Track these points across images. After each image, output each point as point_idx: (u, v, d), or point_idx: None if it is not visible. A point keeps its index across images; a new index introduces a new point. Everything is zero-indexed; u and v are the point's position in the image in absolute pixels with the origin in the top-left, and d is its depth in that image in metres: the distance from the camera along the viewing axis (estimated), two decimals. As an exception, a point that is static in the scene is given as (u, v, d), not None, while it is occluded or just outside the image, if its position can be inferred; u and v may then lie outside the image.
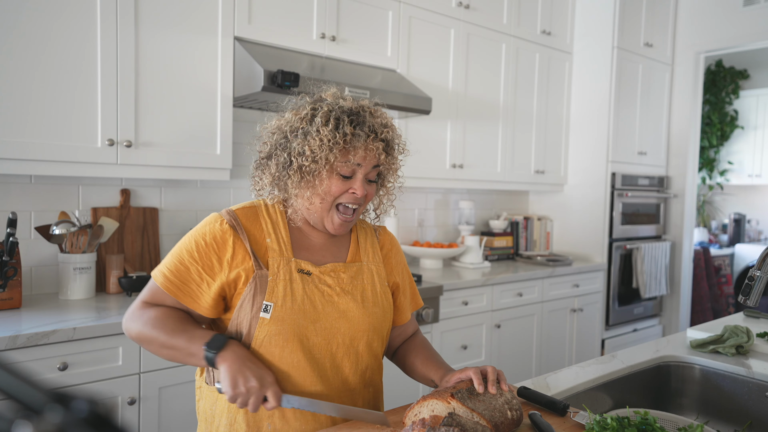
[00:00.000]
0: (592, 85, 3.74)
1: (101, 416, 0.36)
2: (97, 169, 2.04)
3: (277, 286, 1.11)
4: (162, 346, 1.09)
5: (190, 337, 1.08)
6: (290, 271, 1.13)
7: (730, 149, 5.88)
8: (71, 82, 1.97)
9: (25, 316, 1.85)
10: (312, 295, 1.13)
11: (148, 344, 1.11)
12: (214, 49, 2.28)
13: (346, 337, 1.15)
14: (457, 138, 3.19)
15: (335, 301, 1.15)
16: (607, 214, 3.71)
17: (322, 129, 1.10)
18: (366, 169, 1.14)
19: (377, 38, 2.80)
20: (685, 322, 4.17)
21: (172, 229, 2.53)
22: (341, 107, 1.13)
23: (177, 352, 1.08)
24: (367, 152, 1.12)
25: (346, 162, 1.12)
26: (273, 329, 1.10)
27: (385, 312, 1.22)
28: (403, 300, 1.32)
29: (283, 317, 1.10)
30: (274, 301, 1.10)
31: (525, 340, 3.23)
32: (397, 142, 1.19)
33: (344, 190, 1.14)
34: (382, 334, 1.22)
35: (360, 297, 1.18)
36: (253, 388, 1.00)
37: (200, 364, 1.08)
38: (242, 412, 1.12)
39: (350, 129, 1.10)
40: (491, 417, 1.01)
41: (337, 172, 1.12)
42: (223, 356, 1.03)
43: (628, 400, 1.49)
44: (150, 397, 1.88)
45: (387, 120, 1.18)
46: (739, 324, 1.77)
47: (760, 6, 3.68)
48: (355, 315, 1.16)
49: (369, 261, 1.24)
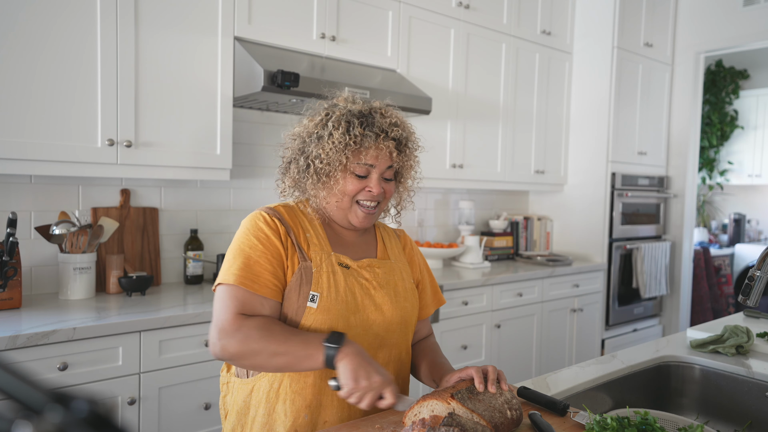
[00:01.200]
0: (592, 85, 3.74)
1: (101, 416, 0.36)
2: (97, 169, 2.04)
3: (321, 277, 1.16)
4: (273, 355, 1.06)
5: (304, 338, 1.08)
6: (332, 264, 1.19)
7: (730, 149, 5.88)
8: (71, 82, 1.97)
9: (25, 316, 1.85)
10: (353, 288, 1.19)
11: (253, 357, 1.07)
12: (214, 49, 2.28)
13: (380, 329, 1.20)
14: (457, 138, 3.19)
15: (372, 294, 1.21)
16: (607, 214, 3.71)
17: (334, 132, 1.16)
18: (380, 168, 1.19)
19: (377, 38, 2.80)
20: (685, 322, 4.17)
21: (172, 229, 2.53)
22: (351, 111, 1.19)
23: (291, 356, 1.06)
24: (379, 152, 1.18)
25: (359, 163, 1.17)
26: (319, 318, 1.13)
27: (413, 307, 1.28)
28: (425, 296, 1.37)
29: (329, 307, 1.14)
30: (320, 292, 1.14)
31: (525, 340, 3.23)
32: (410, 140, 1.25)
33: (360, 189, 1.20)
34: (411, 328, 1.28)
35: (393, 292, 1.24)
36: (376, 383, 1.02)
37: (314, 366, 1.06)
38: (281, 402, 1.14)
39: (360, 130, 1.16)
40: (491, 417, 1.01)
41: (352, 172, 1.18)
42: (344, 351, 1.04)
43: (628, 400, 1.49)
44: (150, 397, 1.88)
45: (398, 119, 1.22)
46: (739, 324, 1.77)
47: (760, 6, 3.68)
48: (389, 309, 1.22)
49: (396, 259, 1.32)
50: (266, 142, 2.77)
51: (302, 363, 1.07)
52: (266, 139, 2.77)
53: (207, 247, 2.59)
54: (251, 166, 2.73)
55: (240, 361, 1.09)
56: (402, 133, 1.21)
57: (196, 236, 2.53)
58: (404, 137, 1.22)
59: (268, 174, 2.80)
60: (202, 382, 1.99)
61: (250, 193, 2.75)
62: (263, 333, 1.07)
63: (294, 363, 1.08)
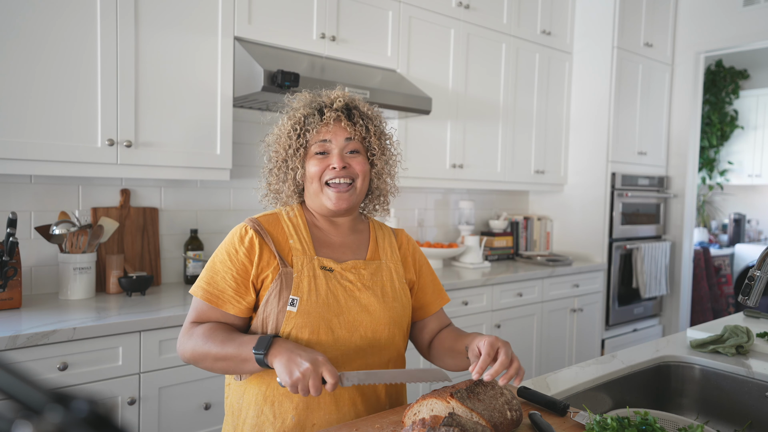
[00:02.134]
0: (592, 85, 3.74)
1: (101, 416, 0.36)
2: (97, 169, 2.04)
3: (302, 281, 1.17)
4: (216, 359, 1.11)
5: (239, 344, 1.10)
6: (313, 268, 1.19)
7: (730, 149, 5.88)
8: (71, 82, 1.97)
9: (25, 316, 1.85)
10: (335, 290, 1.19)
11: (202, 361, 1.13)
12: (214, 49, 2.28)
13: (368, 329, 1.20)
14: (457, 138, 3.19)
15: (357, 295, 1.21)
16: (607, 214, 3.71)
17: (285, 124, 1.24)
18: (338, 142, 1.20)
19: (377, 38, 2.80)
20: (685, 322, 4.17)
21: (172, 229, 2.53)
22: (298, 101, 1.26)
23: (230, 362, 1.10)
24: (327, 126, 1.20)
25: (315, 142, 1.21)
26: (300, 321, 1.14)
27: (404, 307, 1.27)
28: (423, 296, 1.35)
29: (309, 310, 1.15)
30: (299, 296, 1.16)
31: (525, 340, 3.23)
32: (362, 110, 1.25)
33: (324, 168, 1.21)
34: (402, 328, 1.27)
35: (380, 292, 1.24)
36: (308, 370, 1.01)
37: (255, 369, 1.10)
38: (268, 405, 1.16)
39: (303, 111, 1.22)
40: (490, 417, 1.01)
41: (313, 154, 1.21)
42: (272, 353, 1.05)
43: (628, 400, 1.49)
44: (150, 397, 1.88)
45: (342, 94, 1.25)
46: (739, 324, 1.77)
47: (760, 6, 3.68)
48: (376, 309, 1.21)
49: (387, 259, 1.30)
50: (266, 142, 2.77)
51: (243, 367, 1.10)
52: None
53: (207, 247, 2.59)
54: (251, 166, 2.73)
55: (196, 365, 1.16)
56: (349, 103, 1.23)
57: (196, 236, 2.53)
58: (353, 107, 1.23)
59: (268, 174, 2.80)
60: (202, 382, 1.99)
61: (250, 193, 2.75)
62: (206, 338, 1.12)
63: (235, 367, 1.11)
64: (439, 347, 1.31)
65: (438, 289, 1.40)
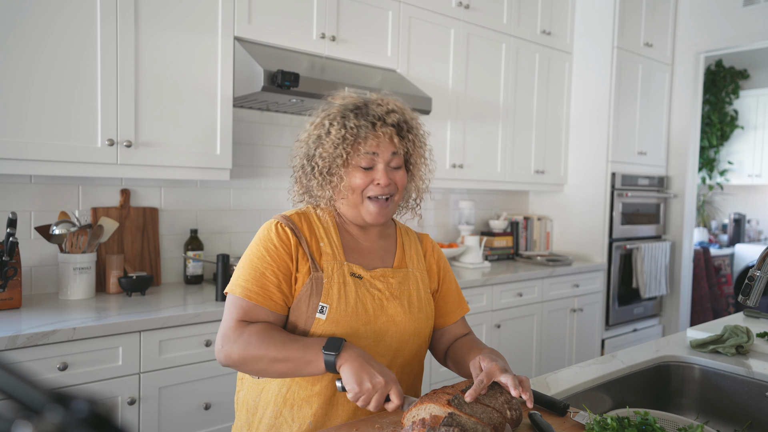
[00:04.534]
0: (592, 85, 3.74)
1: (101, 416, 0.36)
2: (97, 169, 2.04)
3: (332, 288, 1.15)
4: (273, 361, 1.08)
5: (303, 345, 1.07)
6: (343, 275, 1.18)
7: (730, 149, 5.88)
8: (71, 82, 1.97)
9: (25, 316, 1.85)
10: (364, 299, 1.17)
11: (255, 363, 1.09)
12: (214, 49, 2.28)
13: (393, 340, 1.19)
14: (457, 138, 3.19)
15: (385, 305, 1.19)
16: (607, 214, 3.71)
17: (331, 129, 1.16)
18: (384, 156, 1.17)
19: (377, 38, 2.80)
20: (685, 322, 4.17)
21: (172, 229, 2.53)
22: (346, 106, 1.19)
23: (291, 363, 1.07)
24: (378, 139, 1.16)
25: (360, 154, 1.16)
26: (328, 330, 1.13)
27: (428, 318, 1.26)
28: (444, 305, 1.33)
29: (338, 319, 1.14)
30: (329, 303, 1.14)
31: (525, 340, 3.23)
32: (411, 124, 1.22)
33: (368, 183, 1.17)
34: (425, 338, 1.26)
35: (407, 302, 1.22)
36: (379, 384, 1.00)
37: (317, 372, 1.07)
38: (288, 406, 1.15)
39: (356, 122, 1.15)
40: (489, 419, 1.01)
41: (356, 165, 1.17)
42: (344, 356, 1.04)
43: (628, 400, 1.49)
44: (150, 397, 1.88)
45: (395, 106, 1.20)
46: (739, 324, 1.77)
47: (760, 6, 3.68)
48: (402, 320, 1.20)
49: (414, 267, 1.28)
50: (266, 143, 2.77)
51: (304, 369, 1.08)
52: (266, 139, 2.77)
53: (207, 247, 2.59)
54: (251, 166, 2.73)
55: (244, 367, 1.11)
56: (400, 117, 1.19)
57: (196, 236, 2.53)
58: (403, 121, 1.20)
59: (268, 174, 2.80)
60: (202, 382, 1.99)
61: (250, 193, 2.75)
62: (263, 339, 1.08)
63: (295, 369, 1.08)
64: (453, 357, 1.30)
65: (459, 298, 1.37)
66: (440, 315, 1.33)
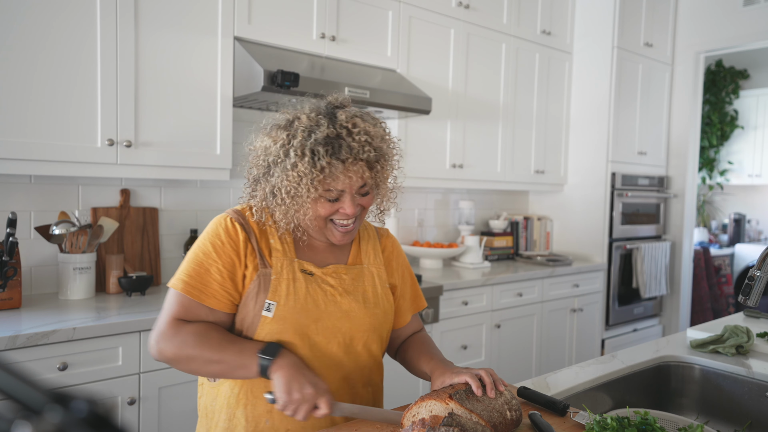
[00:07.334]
0: (592, 85, 3.74)
1: (101, 416, 0.36)
2: (97, 169, 2.04)
3: (280, 285, 1.12)
4: (207, 362, 1.06)
5: (239, 348, 1.06)
6: (293, 271, 1.14)
7: (730, 149, 5.88)
8: (71, 82, 1.97)
9: (24, 316, 1.85)
10: (315, 295, 1.14)
11: (188, 363, 1.07)
12: (214, 49, 2.28)
13: (346, 336, 1.16)
14: (457, 138, 3.19)
15: (338, 300, 1.16)
16: (607, 214, 3.71)
17: (299, 163, 1.06)
18: (352, 191, 1.11)
19: (377, 38, 2.80)
20: (685, 322, 4.17)
21: (172, 229, 2.53)
22: (316, 139, 1.06)
23: (225, 365, 1.06)
24: (349, 177, 1.08)
25: (329, 190, 1.09)
26: (275, 328, 1.10)
27: (386, 313, 1.23)
28: (403, 303, 1.32)
29: (285, 316, 1.10)
30: (277, 300, 1.11)
31: (525, 340, 3.23)
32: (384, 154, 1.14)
33: (334, 211, 1.12)
34: (381, 334, 1.23)
35: (362, 298, 1.20)
36: (309, 395, 0.99)
37: (250, 376, 1.06)
38: (241, 407, 1.12)
39: (327, 160, 1.05)
40: (489, 417, 1.01)
41: (323, 197, 1.10)
42: (278, 363, 1.02)
43: (628, 400, 1.49)
44: (150, 397, 1.88)
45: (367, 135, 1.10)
46: (739, 324, 1.77)
47: (760, 6, 3.68)
48: (357, 315, 1.17)
49: (370, 263, 1.25)
50: (266, 142, 2.77)
51: (236, 372, 1.06)
52: (266, 139, 2.77)
53: (207, 247, 2.59)
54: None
55: (176, 365, 1.09)
56: (373, 153, 1.09)
57: (196, 236, 2.53)
58: (376, 154, 1.10)
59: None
60: (202, 382, 1.99)
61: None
62: (199, 339, 1.06)
63: (228, 372, 1.07)
64: (403, 355, 1.31)
65: (416, 295, 1.36)
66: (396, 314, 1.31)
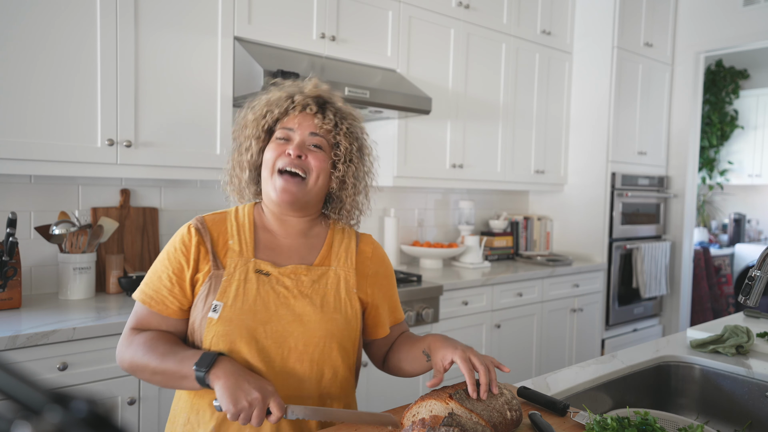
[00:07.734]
0: (592, 85, 3.74)
1: (101, 416, 0.36)
2: (97, 169, 2.04)
3: (230, 286, 1.10)
4: (153, 373, 1.04)
5: (180, 359, 1.03)
6: (246, 272, 1.12)
7: (730, 149, 5.88)
8: (71, 82, 1.97)
9: (24, 316, 1.85)
10: (266, 296, 1.10)
11: (141, 372, 1.07)
12: (213, 48, 2.28)
13: (299, 341, 1.10)
14: (457, 138, 3.19)
15: (290, 303, 1.11)
16: (607, 214, 3.71)
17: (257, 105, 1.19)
18: (302, 133, 1.14)
19: (377, 38, 2.80)
20: (685, 322, 4.17)
21: (172, 229, 2.53)
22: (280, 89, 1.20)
23: (167, 376, 1.03)
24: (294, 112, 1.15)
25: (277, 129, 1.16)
26: (220, 330, 1.06)
27: (348, 320, 1.15)
28: (381, 314, 1.25)
29: (231, 318, 1.07)
30: (224, 301, 1.08)
31: (525, 340, 3.23)
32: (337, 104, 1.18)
33: (280, 154, 1.13)
34: (343, 343, 1.14)
35: (319, 301, 1.13)
36: (256, 400, 0.95)
37: (192, 387, 1.02)
38: (194, 411, 1.10)
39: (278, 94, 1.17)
40: (490, 417, 1.01)
41: (274, 140, 1.15)
42: (215, 374, 0.98)
43: (628, 400, 1.49)
44: (150, 397, 1.88)
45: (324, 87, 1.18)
46: (739, 324, 1.77)
47: (760, 6, 3.68)
48: (311, 319, 1.11)
49: (338, 266, 1.19)
50: (266, 142, 2.77)
51: (181, 383, 1.04)
52: (266, 139, 2.77)
53: (207, 247, 2.59)
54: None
55: (135, 375, 1.09)
56: (323, 94, 1.17)
57: (196, 236, 2.53)
58: (327, 98, 1.17)
59: (268, 174, 2.79)
60: (202, 382, 1.99)
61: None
62: (146, 349, 1.06)
63: (173, 382, 1.05)
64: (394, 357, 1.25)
65: (394, 306, 1.29)
66: (375, 324, 1.25)
